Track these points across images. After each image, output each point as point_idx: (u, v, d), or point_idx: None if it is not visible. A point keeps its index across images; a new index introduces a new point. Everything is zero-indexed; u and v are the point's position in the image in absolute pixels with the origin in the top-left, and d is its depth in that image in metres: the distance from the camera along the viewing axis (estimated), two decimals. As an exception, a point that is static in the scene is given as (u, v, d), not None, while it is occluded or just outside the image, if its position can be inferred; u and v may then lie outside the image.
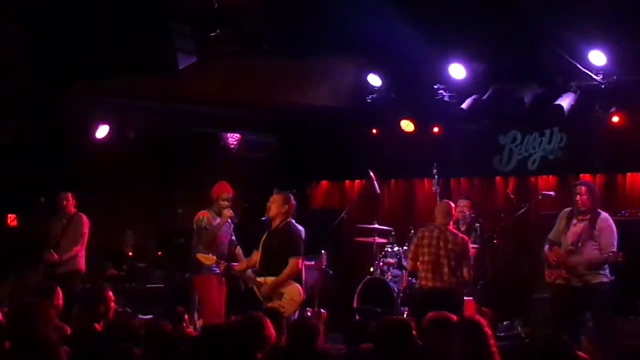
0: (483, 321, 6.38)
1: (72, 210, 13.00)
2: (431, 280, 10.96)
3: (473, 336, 6.24)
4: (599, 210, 10.95)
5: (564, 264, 10.87)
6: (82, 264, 12.87)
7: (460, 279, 10.98)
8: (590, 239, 10.82)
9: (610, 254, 10.50)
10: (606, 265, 10.72)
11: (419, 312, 9.44)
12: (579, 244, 10.89)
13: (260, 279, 10.89)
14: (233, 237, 12.07)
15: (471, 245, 13.10)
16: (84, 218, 12.95)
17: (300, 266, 11.00)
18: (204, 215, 11.84)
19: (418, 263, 11.12)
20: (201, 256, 11.44)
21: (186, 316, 9.95)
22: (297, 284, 10.91)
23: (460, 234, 11.33)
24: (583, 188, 11.06)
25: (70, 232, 12.85)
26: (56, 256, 12.60)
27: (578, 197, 10.98)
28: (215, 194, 11.91)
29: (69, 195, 13.01)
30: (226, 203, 11.83)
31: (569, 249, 10.94)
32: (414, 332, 6.76)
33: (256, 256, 11.21)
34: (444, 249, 10.97)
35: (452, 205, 11.43)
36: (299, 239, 11.03)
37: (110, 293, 8.76)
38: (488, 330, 6.30)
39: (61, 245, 12.73)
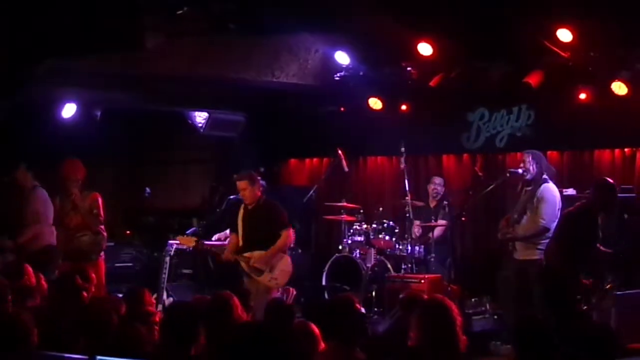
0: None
1: (29, 185, 12.05)
2: None
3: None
4: (547, 180, 11.02)
5: (504, 236, 11.04)
6: (50, 240, 11.85)
7: None
8: (528, 209, 10.92)
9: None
10: (543, 241, 10.80)
11: None
12: (517, 215, 11.00)
13: (247, 254, 10.94)
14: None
15: (440, 222, 13.23)
16: (40, 193, 12.02)
17: (292, 236, 11.20)
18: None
19: None
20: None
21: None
22: (287, 255, 11.11)
23: None
24: (527, 156, 11.14)
25: (26, 211, 11.95)
26: (9, 243, 11.75)
27: (522, 164, 11.08)
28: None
29: (20, 169, 12.09)
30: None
31: (513, 219, 11.05)
32: (357, 306, 6.82)
33: (235, 239, 11.21)
34: None
35: None
36: (283, 211, 11.12)
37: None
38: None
39: (20, 224, 11.88)
